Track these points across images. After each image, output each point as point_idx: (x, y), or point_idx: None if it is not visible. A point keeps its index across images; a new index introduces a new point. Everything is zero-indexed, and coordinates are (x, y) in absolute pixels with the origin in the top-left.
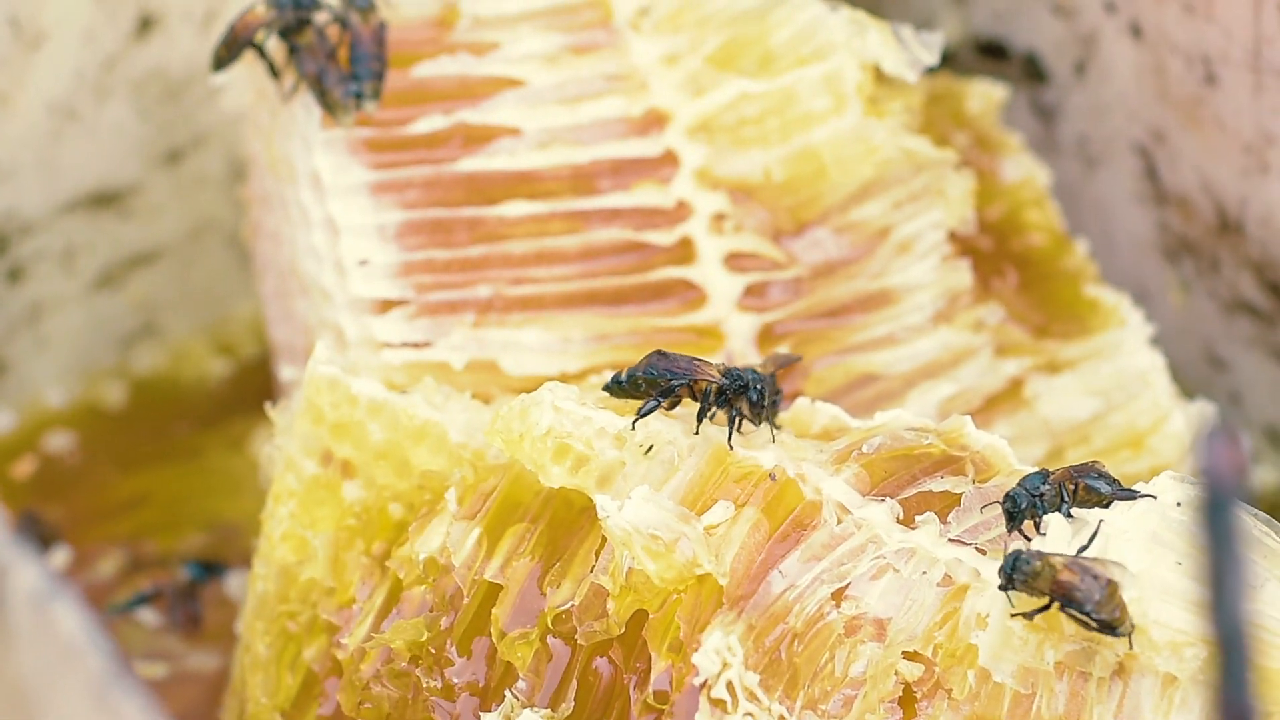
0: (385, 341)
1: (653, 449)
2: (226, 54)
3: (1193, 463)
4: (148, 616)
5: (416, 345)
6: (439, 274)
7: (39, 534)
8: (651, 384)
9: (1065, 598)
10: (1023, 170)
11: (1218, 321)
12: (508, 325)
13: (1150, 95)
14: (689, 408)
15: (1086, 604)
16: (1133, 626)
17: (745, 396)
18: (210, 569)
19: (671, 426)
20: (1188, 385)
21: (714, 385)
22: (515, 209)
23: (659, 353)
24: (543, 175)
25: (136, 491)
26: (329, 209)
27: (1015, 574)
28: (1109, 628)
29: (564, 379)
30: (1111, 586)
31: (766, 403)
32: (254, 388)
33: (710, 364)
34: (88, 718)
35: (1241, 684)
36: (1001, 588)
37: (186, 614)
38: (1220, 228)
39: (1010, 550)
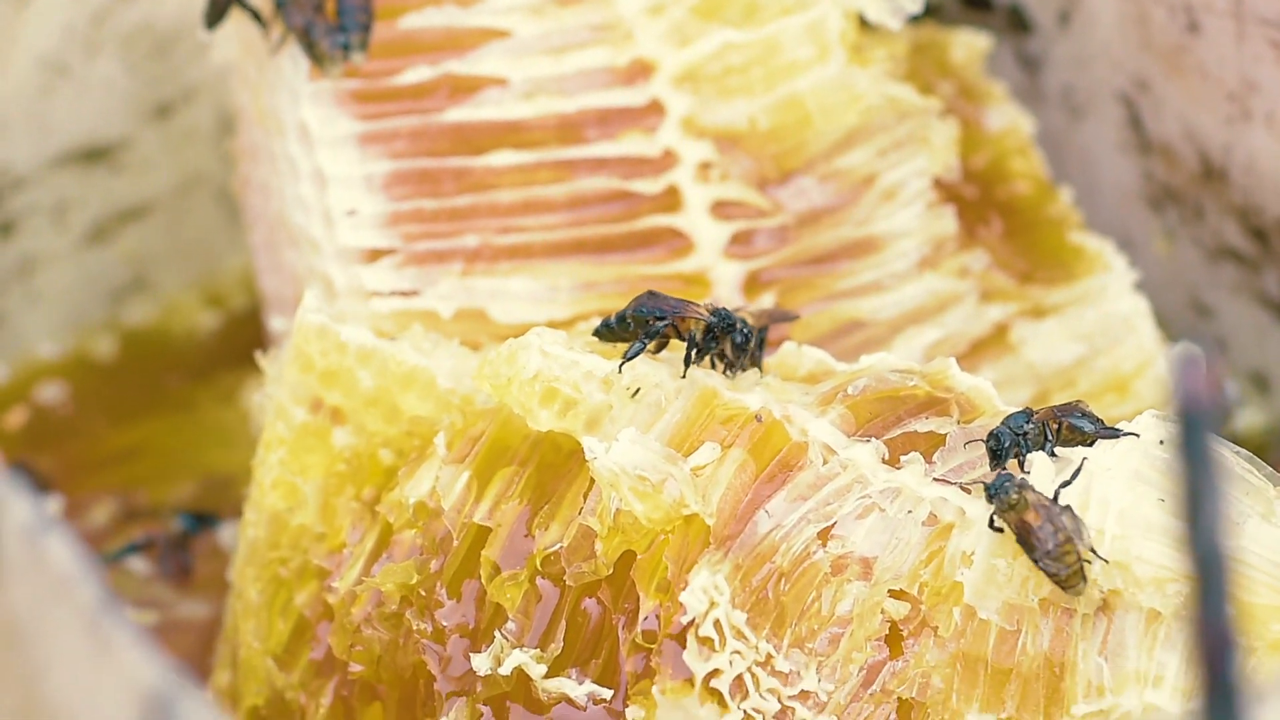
0: (374, 290)
1: (639, 392)
2: (216, 10)
3: (1168, 389)
4: (138, 565)
5: (405, 294)
6: (426, 223)
7: (30, 483)
8: (640, 323)
9: (1023, 538)
10: (1007, 119)
11: (1202, 269)
12: (495, 274)
13: (1134, 44)
14: (676, 350)
15: (1035, 550)
16: (1081, 589)
17: (730, 337)
18: (202, 520)
19: (658, 370)
20: (1173, 332)
21: (700, 324)
22: (502, 159)
23: (649, 293)
24: (529, 125)
25: (128, 442)
26: (317, 160)
27: (993, 497)
28: (1058, 582)
29: (552, 326)
30: (1067, 543)
31: (751, 345)
32: (245, 340)
33: (698, 305)
34: (80, 649)
35: (1218, 611)
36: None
37: (177, 564)
38: (1204, 175)
39: (1003, 473)
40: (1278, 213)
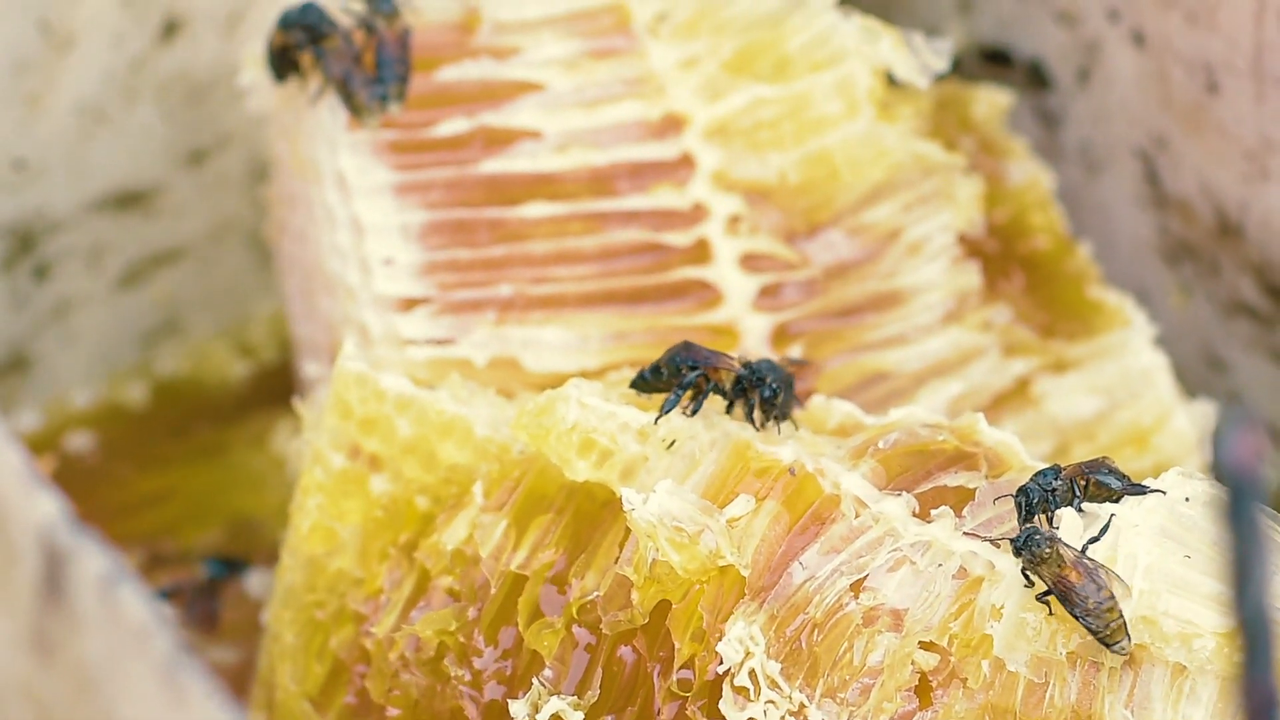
0: (409, 338)
1: (675, 443)
2: (283, 63)
3: (1211, 452)
4: (164, 608)
5: (440, 342)
6: (461, 273)
7: None
8: (673, 374)
9: (1064, 594)
10: (1027, 174)
11: (1217, 323)
12: (529, 323)
13: (1152, 102)
14: (714, 403)
15: (1078, 607)
16: (1127, 648)
17: (758, 391)
18: (231, 566)
19: (693, 422)
20: (1188, 386)
21: (730, 376)
22: (535, 210)
23: (684, 343)
24: (562, 177)
25: (158, 488)
26: (354, 209)
27: (1024, 550)
28: (1101, 639)
29: (583, 376)
30: (1111, 602)
31: (780, 399)
32: (275, 386)
33: (729, 357)
34: (156, 700)
35: (1265, 672)
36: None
37: (204, 611)
38: (1220, 231)
39: (1029, 527)
40: None
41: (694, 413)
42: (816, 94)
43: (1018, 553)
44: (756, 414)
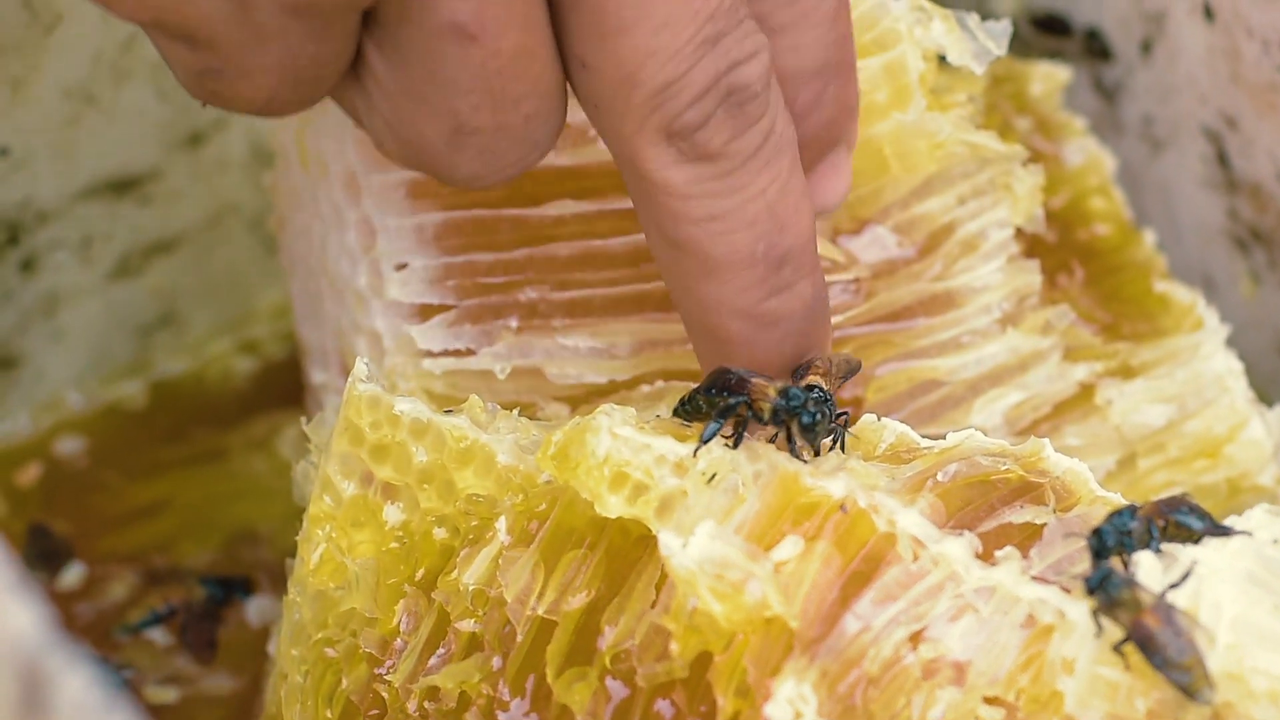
0: (425, 349)
1: (715, 477)
2: None
3: None
4: (158, 635)
5: (458, 353)
6: (481, 277)
7: (49, 549)
8: (711, 404)
9: (1142, 642)
10: (1087, 155)
11: None
12: (553, 331)
13: (1222, 78)
14: (757, 430)
15: (1158, 655)
16: (1212, 699)
17: (797, 418)
18: (229, 587)
19: (735, 454)
20: (1258, 379)
21: (767, 406)
22: (560, 208)
23: (721, 369)
24: (589, 171)
25: (153, 498)
26: (365, 208)
27: (1099, 592)
28: (1183, 689)
29: (612, 387)
30: (1193, 650)
31: (819, 428)
32: (280, 384)
33: (770, 384)
34: None
35: None
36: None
37: (201, 637)
38: None
39: (1104, 565)
40: None
41: (736, 444)
42: (864, 80)
43: (1091, 592)
44: (799, 442)
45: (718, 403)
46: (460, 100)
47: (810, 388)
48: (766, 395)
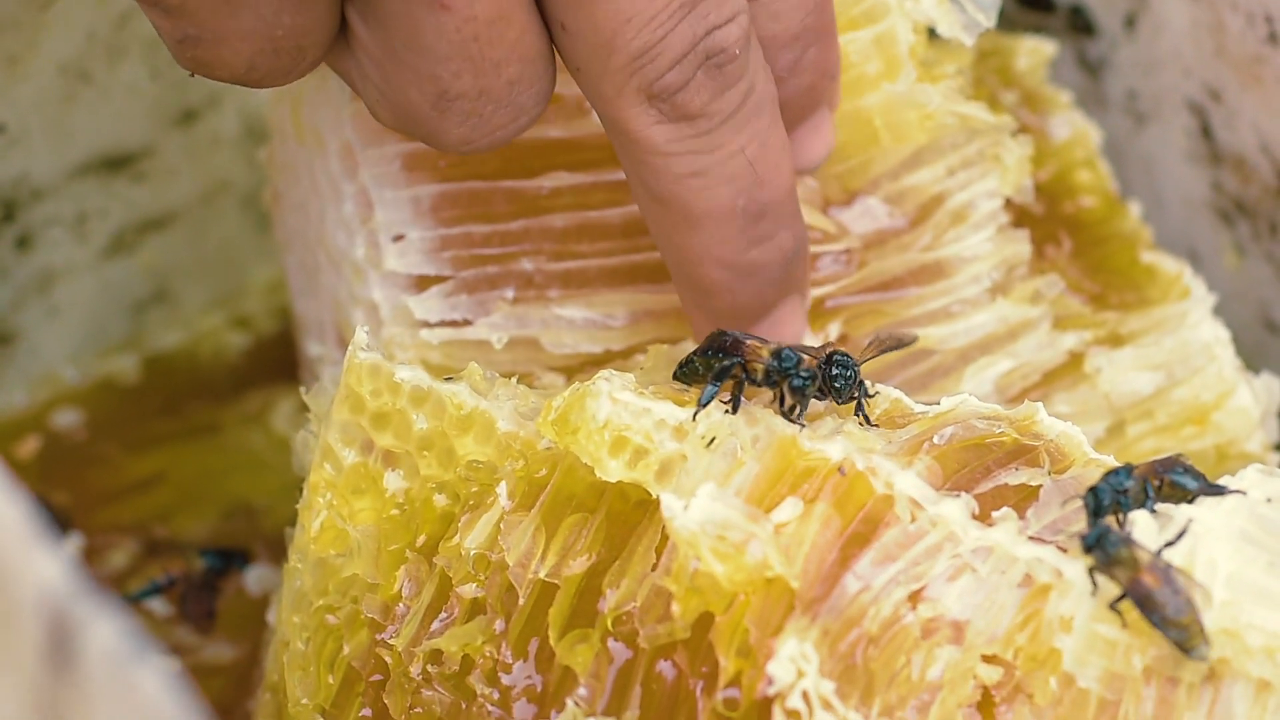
0: (423, 320)
1: (714, 441)
2: None
3: None
4: (158, 605)
5: (455, 324)
6: (477, 248)
7: (48, 521)
8: (707, 366)
9: (1141, 599)
10: (1073, 128)
11: (1274, 285)
12: (549, 302)
13: (1207, 52)
14: (756, 393)
15: (1156, 614)
16: (1208, 656)
17: (788, 380)
18: (228, 558)
19: (734, 418)
20: (1243, 350)
21: (760, 368)
22: (555, 180)
23: (718, 332)
24: (584, 143)
25: (150, 470)
26: (361, 181)
27: (1097, 550)
28: (1180, 646)
29: (608, 357)
30: (1190, 608)
31: (810, 389)
32: (274, 359)
33: (764, 345)
34: None
35: None
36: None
37: (200, 608)
38: None
39: (1102, 524)
40: None
41: (734, 408)
42: (854, 52)
43: (1088, 550)
44: (789, 402)
45: (713, 364)
46: (440, 67)
47: (835, 353)
48: (760, 356)
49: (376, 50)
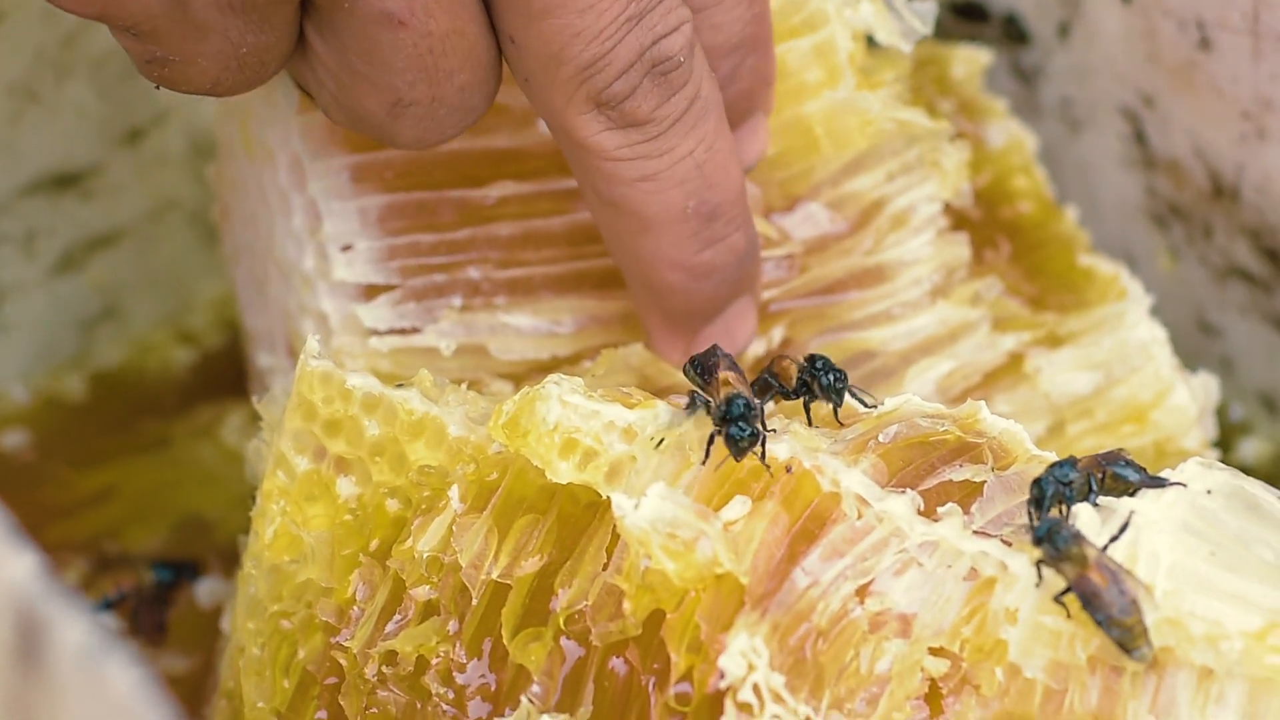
0: (372, 328)
1: (664, 442)
2: None
3: None
4: (110, 621)
5: (404, 332)
6: (424, 257)
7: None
8: (700, 372)
9: (1087, 597)
10: (1009, 135)
11: (1209, 288)
12: (496, 309)
13: (1139, 58)
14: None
15: (1101, 613)
16: (1148, 657)
17: (728, 415)
18: (179, 570)
19: (682, 418)
20: (1178, 351)
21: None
22: (501, 189)
23: (712, 347)
24: (529, 153)
25: (100, 487)
26: (310, 193)
27: (1046, 544)
28: (1121, 646)
29: (555, 363)
30: (1135, 608)
31: (750, 416)
32: (221, 374)
33: (723, 364)
34: None
35: None
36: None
37: (152, 620)
38: (1214, 193)
39: (1051, 518)
40: None
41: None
42: (794, 60)
43: (1038, 543)
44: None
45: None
46: (396, 78)
47: (817, 357)
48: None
49: (333, 63)
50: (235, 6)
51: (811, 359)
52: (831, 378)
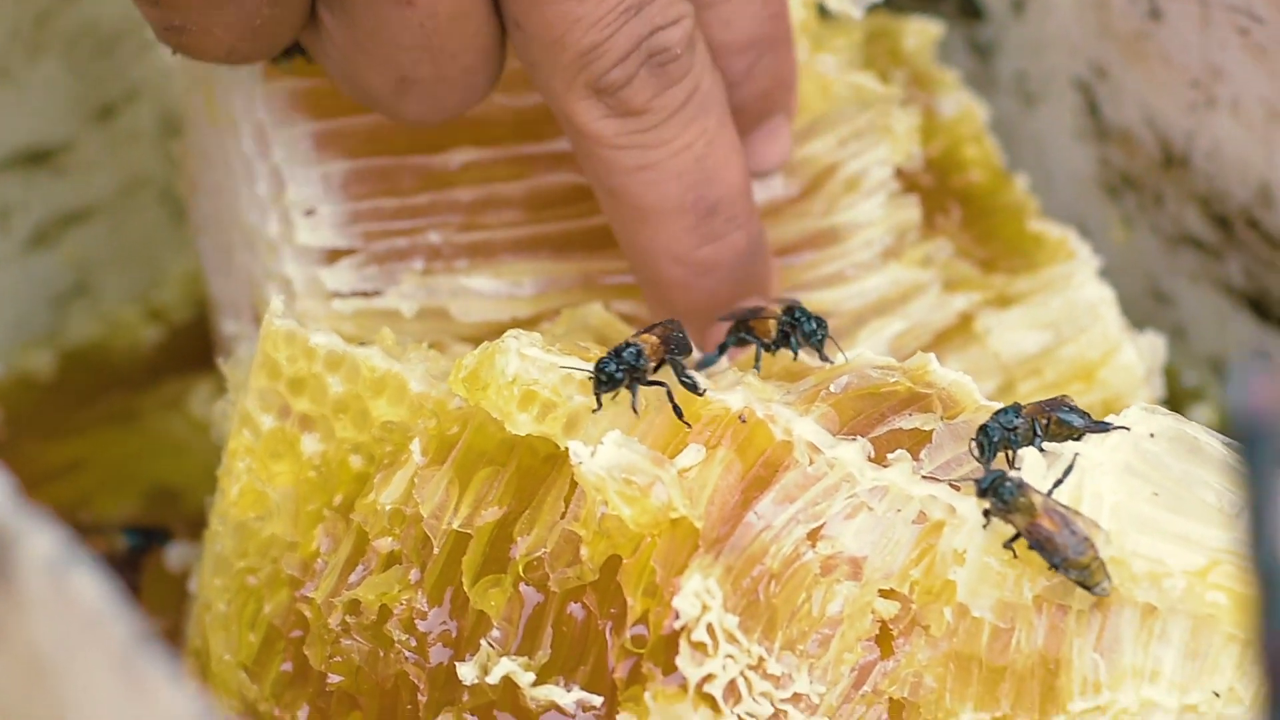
0: (334, 291)
1: (618, 393)
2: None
3: (1227, 398)
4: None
5: (366, 294)
6: (386, 222)
7: None
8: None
9: (1040, 543)
10: (960, 106)
11: (1161, 256)
12: (457, 273)
13: (1092, 31)
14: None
15: (1057, 556)
16: (1108, 589)
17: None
18: (150, 535)
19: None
20: (1133, 320)
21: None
22: (461, 155)
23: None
24: (490, 119)
25: (70, 458)
26: (274, 160)
27: (990, 495)
28: (1081, 584)
29: (515, 324)
30: (1089, 545)
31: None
32: (189, 348)
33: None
34: (112, 688)
35: None
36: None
37: (124, 585)
38: (1165, 162)
39: (995, 469)
40: (1242, 200)
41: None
42: None
43: (983, 494)
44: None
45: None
46: (402, 56)
47: (796, 306)
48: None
49: (341, 38)
50: None
51: (790, 309)
52: (813, 324)
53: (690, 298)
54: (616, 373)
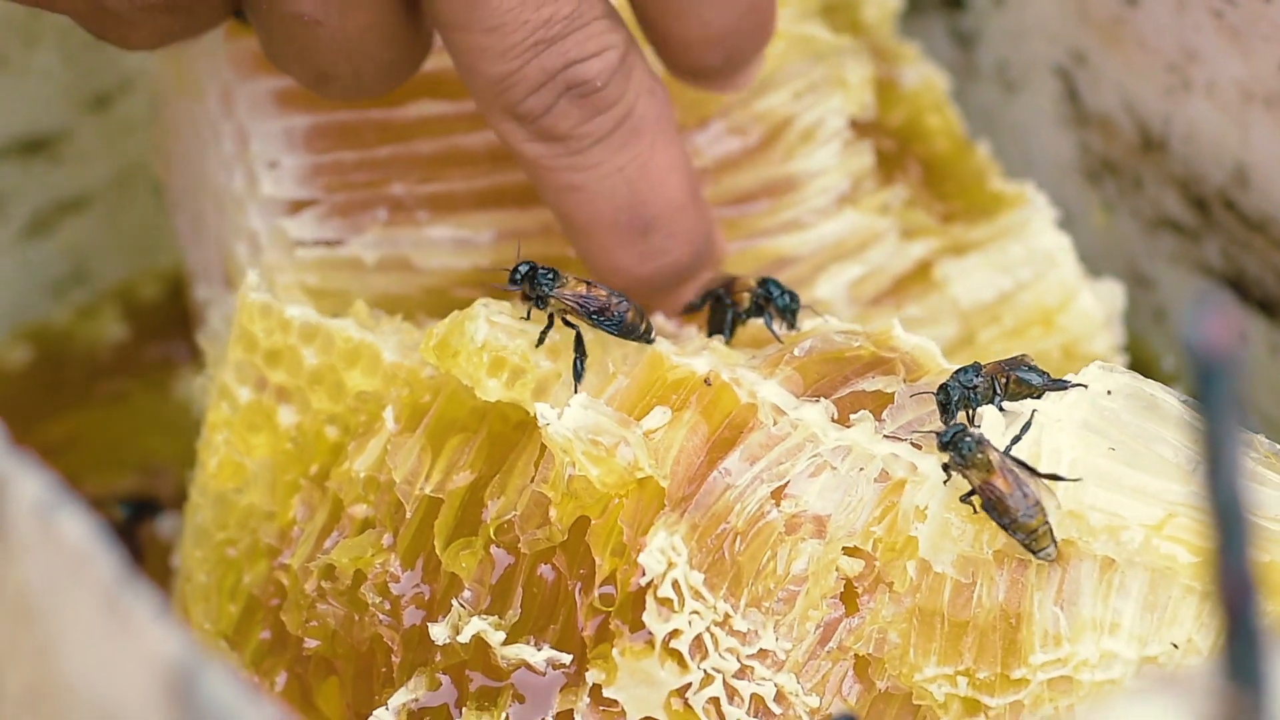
0: (298, 240)
1: (586, 359)
2: None
3: (1183, 333)
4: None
5: (329, 244)
6: (348, 174)
7: None
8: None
9: (992, 502)
10: (921, 77)
11: (1141, 240)
12: (419, 224)
13: (1071, 18)
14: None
15: (1006, 517)
16: (1052, 555)
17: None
18: (142, 507)
19: (604, 338)
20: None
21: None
22: (421, 109)
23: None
24: (448, 75)
25: (61, 437)
26: (238, 116)
27: (951, 449)
28: (1026, 547)
29: (475, 273)
30: (1038, 510)
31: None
32: (176, 331)
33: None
34: (98, 625)
35: (1239, 559)
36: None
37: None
38: (1143, 147)
39: (957, 424)
40: (1219, 182)
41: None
42: None
43: (944, 448)
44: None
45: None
46: (319, 59)
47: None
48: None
49: (263, 37)
50: (154, 6)
51: (764, 283)
52: (787, 298)
53: (636, 292)
54: (521, 280)
